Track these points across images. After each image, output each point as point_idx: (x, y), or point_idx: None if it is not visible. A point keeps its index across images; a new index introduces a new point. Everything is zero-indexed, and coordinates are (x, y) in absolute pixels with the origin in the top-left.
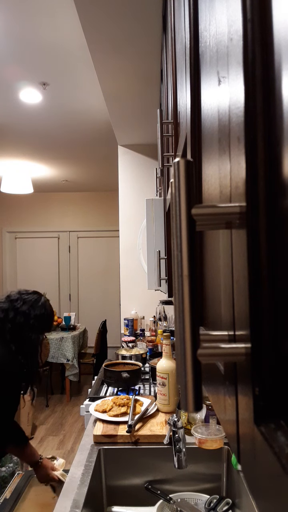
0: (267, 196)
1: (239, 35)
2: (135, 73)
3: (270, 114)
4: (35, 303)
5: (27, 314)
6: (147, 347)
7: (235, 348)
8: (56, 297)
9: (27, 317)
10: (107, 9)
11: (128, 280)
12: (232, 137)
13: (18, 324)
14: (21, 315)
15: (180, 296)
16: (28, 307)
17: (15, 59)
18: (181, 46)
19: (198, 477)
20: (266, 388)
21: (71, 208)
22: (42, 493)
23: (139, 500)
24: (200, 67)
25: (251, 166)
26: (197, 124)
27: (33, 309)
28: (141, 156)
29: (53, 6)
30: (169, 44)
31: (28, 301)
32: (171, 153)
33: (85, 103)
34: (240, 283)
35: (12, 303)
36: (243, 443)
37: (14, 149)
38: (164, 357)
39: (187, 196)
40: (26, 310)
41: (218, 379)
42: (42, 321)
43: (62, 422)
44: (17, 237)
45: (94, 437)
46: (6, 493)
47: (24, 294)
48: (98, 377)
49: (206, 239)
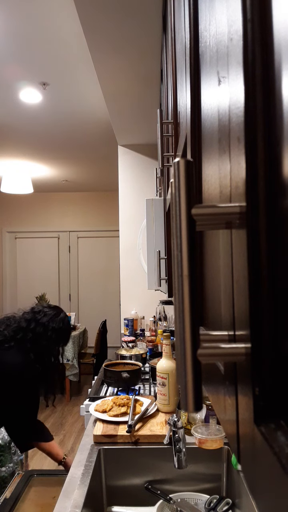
0: (267, 196)
1: (239, 35)
2: (135, 73)
3: (270, 114)
4: (55, 316)
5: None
6: (147, 347)
7: (235, 348)
8: (56, 297)
9: (46, 329)
10: (107, 9)
11: (128, 280)
12: (232, 137)
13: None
14: (41, 326)
15: (180, 296)
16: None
17: (15, 59)
18: (181, 46)
19: (198, 477)
20: (266, 388)
21: (71, 208)
22: (42, 493)
23: (139, 500)
24: (200, 67)
25: (251, 166)
26: (197, 124)
27: (52, 322)
28: (141, 156)
29: (53, 6)
30: (169, 44)
31: (48, 314)
32: (171, 153)
33: (85, 103)
34: (240, 283)
35: (34, 315)
36: (243, 443)
37: (14, 149)
38: (164, 357)
39: (187, 196)
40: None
41: (218, 379)
42: (59, 334)
43: (62, 422)
44: (17, 237)
45: (94, 437)
46: (6, 493)
47: (46, 308)
48: (98, 377)
49: (206, 239)
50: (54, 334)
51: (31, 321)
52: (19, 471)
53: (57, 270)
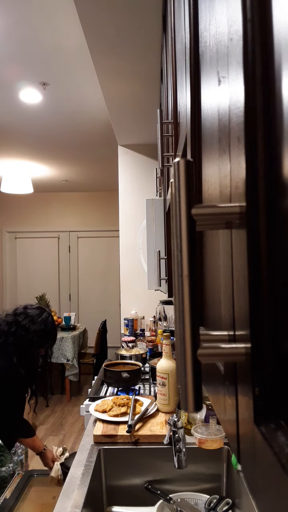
0: (267, 196)
1: (239, 35)
2: (135, 73)
3: (270, 114)
4: (37, 317)
5: (27, 329)
6: (147, 347)
7: (235, 348)
8: (56, 297)
9: (27, 332)
10: (107, 9)
11: (128, 280)
12: (232, 137)
13: (19, 337)
14: (22, 329)
15: (180, 296)
16: (28, 322)
17: (15, 59)
18: (181, 46)
19: (198, 477)
20: (266, 388)
21: (71, 208)
22: (42, 493)
23: (139, 500)
24: (200, 67)
25: (251, 166)
26: (197, 124)
27: (33, 323)
28: (141, 156)
29: (53, 6)
30: (169, 44)
31: (29, 316)
32: (171, 153)
33: (85, 103)
34: (240, 283)
35: (16, 317)
36: (243, 443)
37: (14, 149)
38: (164, 357)
39: (187, 196)
40: (26, 325)
41: (218, 379)
42: (41, 336)
43: (62, 422)
44: (17, 237)
45: (94, 437)
46: (6, 493)
47: (28, 309)
48: (98, 377)
49: (206, 239)
50: (35, 336)
51: (13, 324)
52: (19, 471)
53: (57, 270)
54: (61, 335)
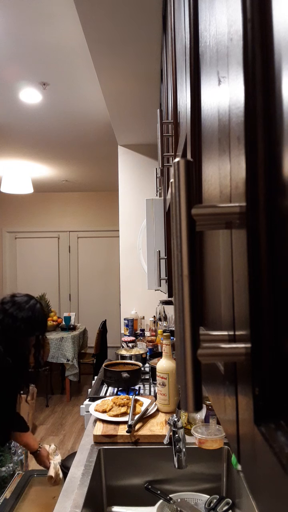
0: (267, 196)
1: (239, 35)
2: (135, 73)
3: (270, 114)
4: (25, 304)
5: (14, 317)
6: (147, 347)
7: (235, 348)
8: (56, 297)
9: (14, 320)
10: (107, 9)
11: (128, 280)
12: (232, 137)
13: (6, 325)
14: (8, 317)
15: (180, 296)
16: (15, 309)
17: (15, 59)
18: (181, 46)
19: (198, 477)
20: (266, 388)
21: (71, 208)
22: (42, 493)
23: (139, 500)
24: (200, 67)
25: (251, 166)
26: (197, 124)
27: (20, 311)
28: (141, 156)
29: (53, 6)
30: (169, 44)
31: (16, 303)
32: (171, 153)
33: (85, 103)
34: (240, 283)
35: (3, 305)
36: (243, 443)
37: (14, 149)
38: (164, 357)
39: (187, 196)
40: (13, 312)
41: (218, 379)
42: (29, 324)
43: (62, 422)
44: (17, 237)
45: (94, 437)
46: (6, 493)
47: (15, 297)
48: (98, 377)
49: (206, 239)
50: (23, 324)
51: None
52: (19, 471)
53: (57, 270)
54: (61, 335)
